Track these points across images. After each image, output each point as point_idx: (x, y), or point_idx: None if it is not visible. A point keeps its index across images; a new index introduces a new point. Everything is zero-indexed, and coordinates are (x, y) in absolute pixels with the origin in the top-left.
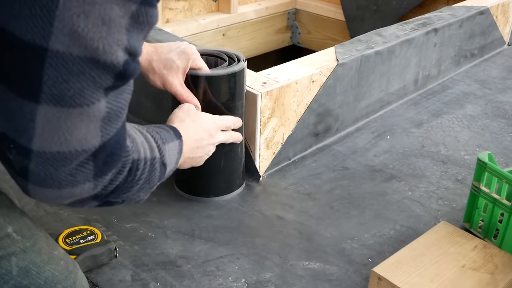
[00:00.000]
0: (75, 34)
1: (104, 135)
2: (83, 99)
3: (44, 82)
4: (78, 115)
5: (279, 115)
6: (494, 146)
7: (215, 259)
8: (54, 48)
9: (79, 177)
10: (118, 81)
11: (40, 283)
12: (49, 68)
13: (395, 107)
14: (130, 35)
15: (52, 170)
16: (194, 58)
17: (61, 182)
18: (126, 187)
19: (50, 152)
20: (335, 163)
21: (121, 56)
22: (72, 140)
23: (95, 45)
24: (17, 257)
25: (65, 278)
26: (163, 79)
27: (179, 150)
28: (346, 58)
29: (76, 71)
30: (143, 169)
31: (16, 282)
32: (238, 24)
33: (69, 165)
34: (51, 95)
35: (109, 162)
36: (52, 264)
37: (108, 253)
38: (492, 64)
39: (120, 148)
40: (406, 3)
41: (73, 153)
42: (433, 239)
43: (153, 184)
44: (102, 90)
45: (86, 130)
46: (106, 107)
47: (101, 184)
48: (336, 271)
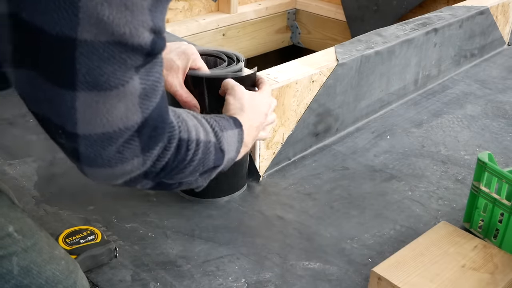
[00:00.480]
0: (101, 23)
1: (144, 111)
2: (117, 80)
3: (78, 70)
4: (115, 97)
5: (279, 115)
6: (494, 146)
7: (215, 259)
8: (82, 38)
9: (127, 153)
10: (148, 58)
11: (41, 283)
12: (80, 57)
13: (395, 107)
14: (154, 15)
15: (101, 150)
16: (194, 58)
17: (110, 160)
18: (177, 166)
19: (96, 133)
20: (335, 163)
21: (147, 36)
22: (114, 119)
23: (121, 31)
24: (18, 257)
25: (65, 278)
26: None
27: (239, 138)
28: (346, 58)
29: (106, 56)
30: (195, 150)
31: (17, 282)
32: (238, 24)
33: (115, 144)
34: (86, 82)
35: (155, 136)
36: (53, 263)
37: (108, 253)
38: (492, 64)
39: (163, 122)
40: (406, 3)
41: (117, 132)
42: (433, 239)
43: (207, 168)
44: (133, 69)
45: (126, 109)
46: (140, 83)
47: (150, 159)
48: (336, 271)
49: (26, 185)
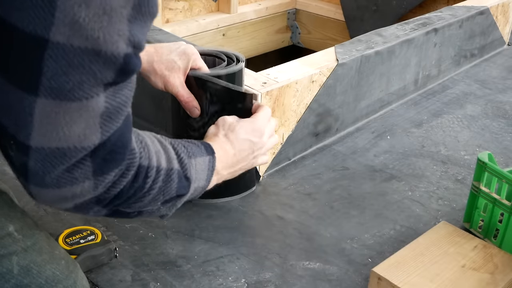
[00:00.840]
0: (76, 25)
1: (104, 132)
2: (82, 92)
3: (44, 73)
4: (76, 110)
5: (279, 115)
6: (494, 146)
7: (215, 259)
8: (54, 39)
9: (77, 174)
10: (119, 76)
11: (41, 282)
12: (49, 59)
13: (395, 107)
14: (132, 26)
15: (50, 167)
16: (195, 58)
17: (59, 180)
18: (135, 195)
19: (49, 147)
20: (335, 163)
21: (122, 47)
22: (71, 135)
23: (95, 35)
24: (18, 256)
25: (65, 278)
26: (165, 80)
27: (209, 166)
28: (346, 58)
29: (76, 63)
30: (155, 178)
31: (17, 281)
32: (238, 24)
33: (67, 162)
34: (50, 88)
35: (109, 160)
36: (53, 263)
37: (108, 253)
38: (492, 64)
39: (123, 147)
40: (406, 3)
41: (72, 150)
42: (433, 239)
43: (169, 196)
44: (101, 85)
45: (85, 125)
46: (105, 102)
47: (102, 183)
48: (336, 271)
49: None
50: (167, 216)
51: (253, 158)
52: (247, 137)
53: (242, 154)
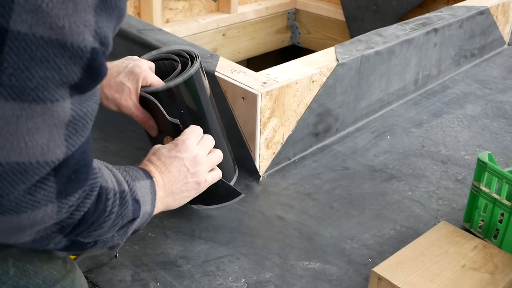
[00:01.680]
0: (39, 10)
1: (69, 147)
2: (46, 93)
3: (3, 70)
4: (40, 114)
5: (279, 115)
6: (494, 146)
7: (215, 259)
8: (15, 29)
9: (40, 196)
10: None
11: (38, 283)
12: (9, 53)
13: (395, 107)
14: (99, 18)
15: (9, 187)
16: (144, 75)
17: (19, 203)
18: (98, 219)
19: (8, 163)
20: (335, 163)
21: (88, 39)
22: (33, 146)
23: (60, 23)
24: (14, 257)
25: (63, 277)
26: (117, 103)
27: (152, 190)
28: (346, 58)
29: (39, 56)
30: (113, 201)
31: (13, 282)
32: (238, 24)
33: (28, 181)
34: (11, 86)
35: (74, 180)
36: (50, 263)
37: (108, 253)
38: (492, 64)
39: (86, 166)
40: (406, 3)
41: (34, 165)
42: (433, 239)
43: (126, 220)
44: (67, 87)
45: (49, 135)
46: (71, 109)
47: (66, 207)
48: (336, 271)
49: None
50: (119, 247)
51: (191, 175)
52: (172, 154)
53: (174, 172)
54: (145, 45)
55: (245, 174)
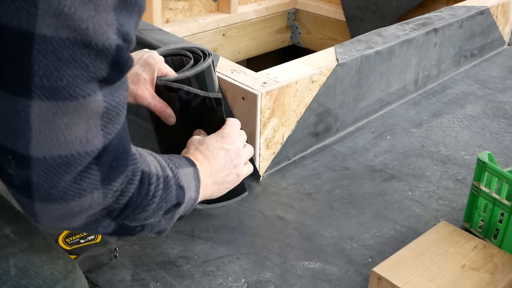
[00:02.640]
0: (62, 14)
1: (106, 135)
2: (78, 89)
3: (35, 72)
4: (74, 110)
5: (279, 115)
6: (494, 146)
7: (215, 259)
8: (41, 33)
9: (85, 184)
10: (113, 71)
11: (39, 283)
12: (38, 55)
13: (395, 107)
14: (119, 16)
15: (55, 179)
16: (159, 66)
17: (67, 192)
18: (142, 203)
19: (51, 156)
20: (335, 163)
21: (112, 38)
22: (72, 140)
23: (84, 25)
24: (15, 258)
25: (64, 277)
26: (133, 94)
27: (196, 176)
28: (346, 58)
29: (67, 57)
30: (156, 185)
31: (14, 282)
32: (238, 24)
33: (73, 172)
34: (43, 87)
35: (116, 167)
36: (51, 263)
37: (108, 253)
38: (492, 64)
39: (125, 153)
40: (406, 3)
41: (76, 156)
42: (433, 239)
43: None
44: (96, 82)
45: (86, 128)
46: (103, 101)
47: (111, 192)
48: (336, 271)
49: None
50: (166, 231)
51: (233, 167)
52: (219, 145)
53: (220, 162)
54: (145, 45)
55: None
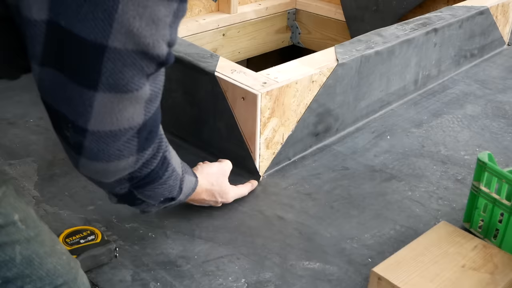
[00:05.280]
0: (131, 33)
1: (146, 114)
2: (133, 85)
3: (103, 73)
4: (128, 99)
5: (279, 115)
6: (494, 146)
7: (215, 259)
8: (112, 45)
9: (126, 151)
10: (158, 67)
11: (42, 274)
12: (107, 62)
13: (395, 107)
14: (171, 30)
15: (104, 146)
16: None
17: (110, 156)
18: (154, 181)
19: (104, 131)
20: (335, 163)
21: (164, 48)
22: (122, 119)
23: (146, 41)
24: (21, 246)
25: (66, 273)
26: None
27: (194, 186)
28: (346, 58)
29: (129, 63)
30: (170, 175)
31: (18, 271)
32: (238, 24)
33: (118, 141)
34: (108, 84)
35: (149, 138)
36: (54, 257)
37: (108, 253)
38: (492, 64)
39: (157, 127)
40: (406, 3)
41: (122, 131)
42: (433, 239)
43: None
44: (146, 76)
45: (133, 111)
46: (149, 89)
47: (141, 160)
48: (336, 271)
49: (26, 185)
50: (151, 212)
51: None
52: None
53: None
54: None
55: (245, 174)
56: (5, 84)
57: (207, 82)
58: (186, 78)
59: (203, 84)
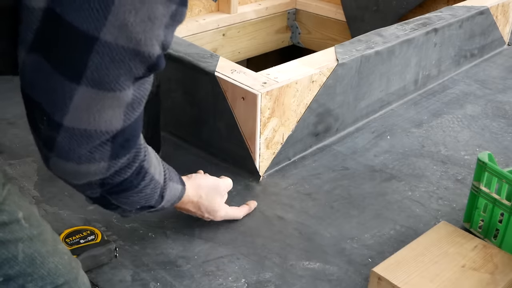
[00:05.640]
0: (124, 27)
1: (126, 120)
2: (118, 85)
3: (89, 67)
4: (109, 99)
5: (279, 115)
6: (494, 146)
7: (215, 259)
8: (103, 38)
9: (97, 155)
10: (147, 72)
11: (43, 273)
12: (95, 55)
13: (395, 107)
14: (167, 32)
15: (75, 145)
16: None
17: (80, 157)
18: (129, 190)
19: (78, 129)
20: (335, 163)
21: (156, 49)
22: (100, 121)
23: (138, 37)
24: (23, 244)
25: (68, 272)
26: None
27: (180, 195)
28: (346, 58)
29: (117, 59)
30: (147, 184)
31: (20, 269)
32: (238, 24)
33: (91, 143)
34: (92, 79)
35: (125, 147)
36: (56, 256)
37: (108, 253)
38: (492, 64)
39: (136, 136)
40: (406, 3)
41: (98, 133)
42: (433, 239)
43: (148, 204)
44: (133, 79)
45: (113, 113)
46: (132, 94)
47: (114, 167)
48: (336, 271)
49: (26, 185)
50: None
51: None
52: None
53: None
54: None
55: (245, 174)
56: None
57: (207, 82)
58: (186, 78)
59: (203, 84)
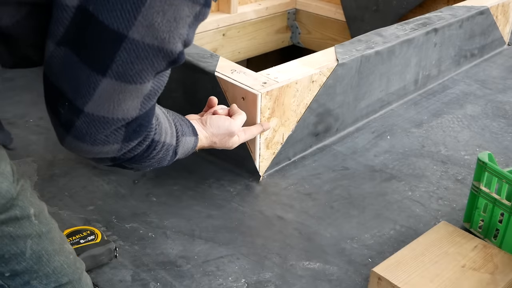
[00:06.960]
0: (151, 27)
1: (142, 109)
2: (139, 78)
3: (115, 61)
4: (130, 91)
5: (279, 115)
6: (494, 146)
7: (215, 259)
8: (132, 36)
9: (111, 139)
10: (167, 66)
11: (48, 271)
12: (123, 51)
13: (395, 107)
14: (189, 30)
15: (93, 130)
16: None
17: (96, 140)
18: (140, 159)
19: (98, 115)
20: (335, 163)
21: (179, 47)
22: (118, 109)
23: (163, 36)
24: (32, 240)
25: (72, 272)
26: None
27: (193, 146)
28: (346, 58)
29: (142, 56)
30: (159, 151)
31: (27, 265)
32: (238, 24)
33: (108, 129)
34: (117, 72)
35: (138, 131)
36: (62, 255)
37: (108, 253)
38: (492, 64)
39: (148, 121)
40: (406, 3)
41: (115, 120)
42: (433, 239)
43: (161, 165)
44: (154, 73)
45: (131, 103)
46: (151, 86)
47: (126, 148)
48: (336, 271)
49: None
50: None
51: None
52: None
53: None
54: None
55: (245, 174)
56: (5, 84)
57: (207, 82)
58: (186, 78)
59: (203, 84)
